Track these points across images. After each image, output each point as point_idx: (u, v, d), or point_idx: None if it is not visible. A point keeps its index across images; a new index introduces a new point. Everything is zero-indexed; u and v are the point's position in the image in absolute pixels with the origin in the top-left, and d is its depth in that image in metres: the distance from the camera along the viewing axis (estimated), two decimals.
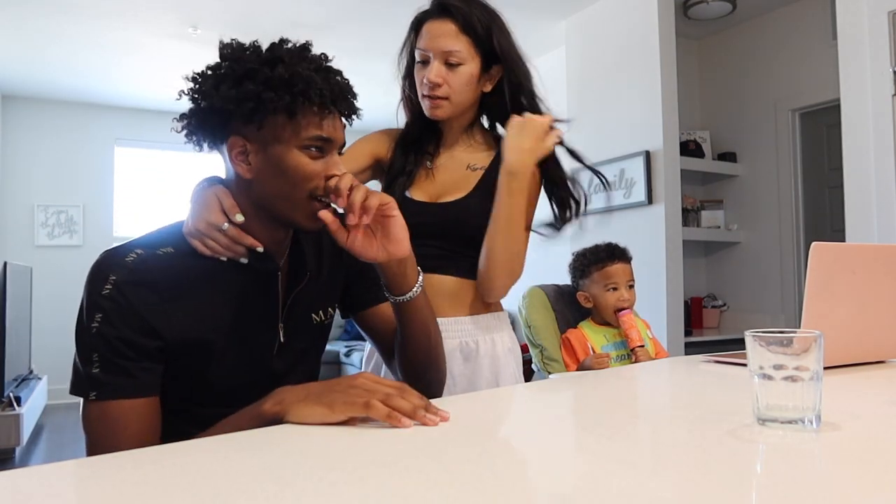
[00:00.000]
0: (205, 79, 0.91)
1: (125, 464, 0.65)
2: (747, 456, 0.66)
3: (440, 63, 1.28)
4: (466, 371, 1.34)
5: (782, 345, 0.70)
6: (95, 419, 0.87)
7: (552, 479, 0.59)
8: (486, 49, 1.30)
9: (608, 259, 2.01)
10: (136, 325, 0.87)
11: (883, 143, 2.57)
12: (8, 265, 3.96)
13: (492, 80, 1.35)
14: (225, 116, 0.90)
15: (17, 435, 3.72)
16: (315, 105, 0.89)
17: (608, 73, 3.80)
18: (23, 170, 5.49)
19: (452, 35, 1.28)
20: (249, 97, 0.88)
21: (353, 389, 0.80)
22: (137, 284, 0.87)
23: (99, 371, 0.86)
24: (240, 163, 0.93)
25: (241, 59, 0.90)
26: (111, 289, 0.86)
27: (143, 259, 0.89)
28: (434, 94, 1.29)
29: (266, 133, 0.91)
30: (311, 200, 0.93)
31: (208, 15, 3.96)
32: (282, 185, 0.92)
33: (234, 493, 0.56)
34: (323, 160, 0.93)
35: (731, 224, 4.18)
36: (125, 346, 0.86)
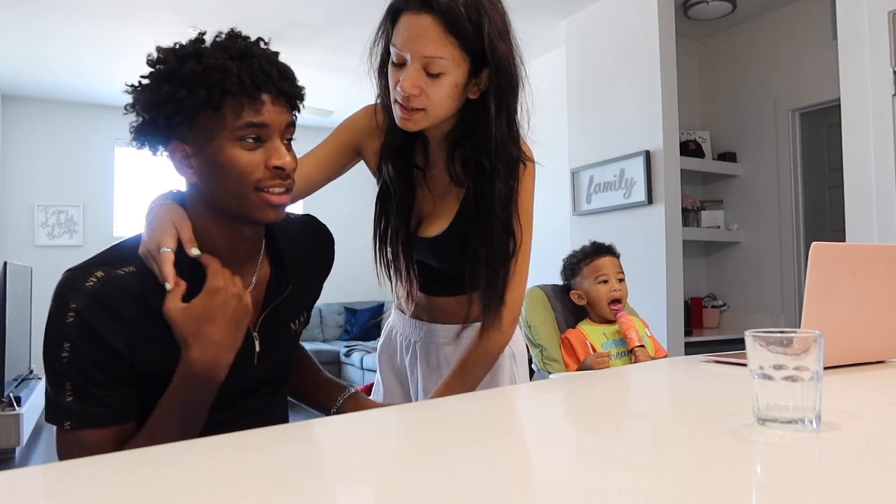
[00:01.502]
0: (135, 90, 0.89)
1: (125, 464, 0.65)
2: (747, 456, 0.66)
3: (418, 69, 1.03)
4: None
5: (782, 345, 0.70)
6: (71, 448, 0.86)
7: (552, 478, 0.59)
8: (477, 50, 1.04)
9: (595, 253, 2.07)
10: (104, 351, 0.85)
11: (883, 143, 2.57)
12: (8, 265, 3.95)
13: (481, 86, 1.09)
14: (155, 124, 0.87)
15: (17, 435, 3.72)
16: (237, 94, 0.85)
17: (608, 73, 3.80)
18: (23, 170, 5.49)
19: (434, 36, 1.01)
20: (167, 100, 0.85)
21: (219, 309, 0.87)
22: (99, 311, 0.84)
23: (72, 400, 0.84)
24: (184, 168, 0.91)
25: (162, 61, 0.87)
26: (74, 317, 0.84)
27: (102, 284, 0.85)
28: (408, 104, 1.05)
29: (198, 132, 0.88)
30: (257, 192, 0.89)
31: (208, 15, 3.96)
32: (224, 182, 0.89)
33: (234, 493, 0.56)
34: (262, 149, 0.89)
35: (731, 224, 4.18)
36: (96, 372, 0.85)
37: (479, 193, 1.12)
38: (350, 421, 0.93)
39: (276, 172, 0.90)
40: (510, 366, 1.32)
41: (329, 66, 4.67)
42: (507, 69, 1.08)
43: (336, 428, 0.81)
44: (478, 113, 1.09)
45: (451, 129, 1.15)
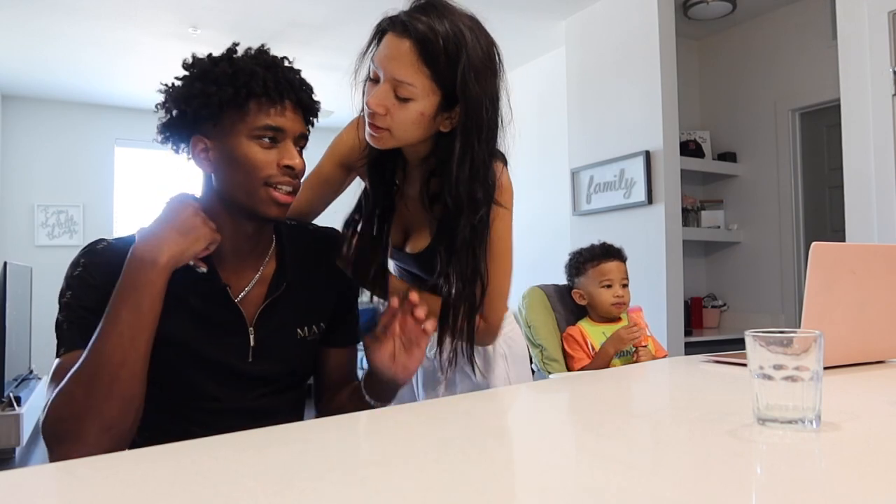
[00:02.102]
0: (170, 88, 0.99)
1: (125, 464, 0.65)
2: (747, 456, 0.66)
3: (388, 89, 1.02)
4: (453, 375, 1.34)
5: (782, 345, 0.70)
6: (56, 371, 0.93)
7: (552, 478, 0.59)
8: (449, 85, 1.03)
9: (603, 257, 2.03)
10: (95, 299, 0.94)
11: (883, 143, 2.57)
12: (8, 265, 3.95)
13: (453, 121, 1.06)
14: (183, 119, 0.97)
15: (17, 435, 3.72)
16: (261, 96, 0.95)
17: (608, 73, 3.80)
18: (23, 170, 5.49)
19: (408, 62, 1.00)
20: (197, 95, 0.94)
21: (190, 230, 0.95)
22: (101, 265, 0.97)
23: (68, 330, 0.95)
24: (202, 160, 0.99)
25: (195, 64, 0.98)
26: (81, 269, 0.97)
27: (111, 246, 0.99)
28: (373, 122, 1.05)
29: (221, 128, 0.96)
30: (266, 188, 0.97)
31: (208, 15, 3.96)
32: (236, 174, 0.97)
33: (234, 493, 0.56)
34: (276, 149, 0.97)
35: (731, 224, 4.18)
36: (89, 312, 0.94)
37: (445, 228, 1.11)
38: (350, 421, 0.93)
39: (286, 171, 0.97)
40: (503, 366, 1.33)
41: (329, 66, 4.67)
42: (477, 110, 1.04)
43: (336, 428, 0.81)
44: (447, 148, 1.07)
45: (427, 155, 1.13)
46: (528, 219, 4.86)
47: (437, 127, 1.07)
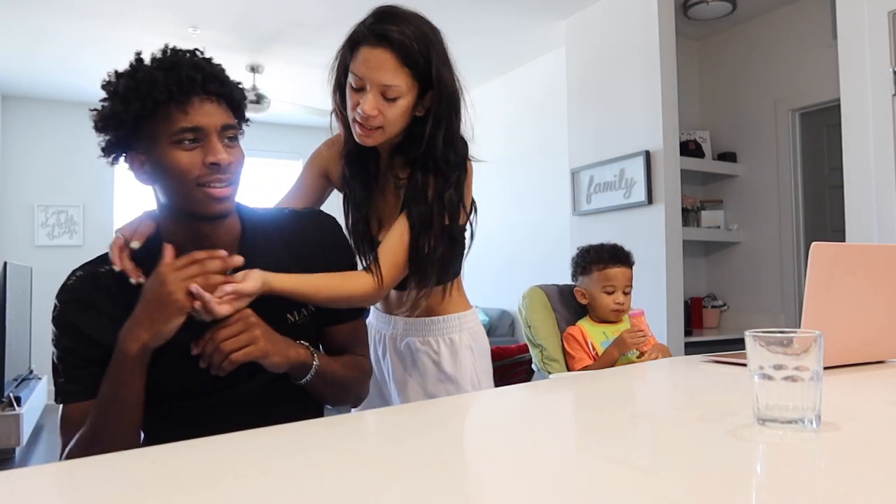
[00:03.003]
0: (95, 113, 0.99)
1: (125, 464, 0.65)
2: (747, 456, 0.66)
3: (376, 95, 1.19)
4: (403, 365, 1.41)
5: (782, 345, 0.70)
6: (62, 421, 1.01)
7: (552, 478, 0.59)
8: (425, 78, 1.22)
9: (611, 261, 2.02)
10: (76, 337, 0.99)
11: (883, 143, 2.57)
12: (8, 265, 3.95)
13: (425, 105, 1.25)
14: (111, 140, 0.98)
15: (17, 435, 3.72)
16: (167, 102, 0.93)
17: (608, 73, 3.80)
18: (22, 170, 5.49)
19: (391, 69, 1.18)
20: (109, 115, 0.96)
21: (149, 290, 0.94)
22: (72, 303, 1.00)
23: (63, 381, 1.01)
24: (141, 174, 1.01)
25: (107, 83, 0.98)
26: (57, 310, 1.01)
27: (80, 280, 1.02)
28: (368, 124, 1.21)
29: (144, 141, 0.97)
30: (199, 188, 0.97)
31: (208, 15, 3.96)
32: (170, 182, 0.98)
33: (233, 492, 0.56)
34: (200, 148, 0.96)
35: (731, 224, 4.18)
36: (72, 355, 1.00)
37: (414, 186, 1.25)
38: (350, 421, 0.93)
39: (213, 168, 0.96)
40: (469, 357, 1.39)
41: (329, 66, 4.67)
42: (450, 92, 1.24)
43: (336, 428, 0.81)
44: (423, 127, 1.24)
45: (398, 142, 1.29)
46: (528, 219, 4.86)
47: (413, 114, 1.25)
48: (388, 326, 1.43)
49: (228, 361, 0.96)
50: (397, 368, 1.40)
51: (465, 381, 1.37)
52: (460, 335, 1.39)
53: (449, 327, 1.38)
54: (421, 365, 1.38)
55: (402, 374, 1.40)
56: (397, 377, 1.40)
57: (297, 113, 5.46)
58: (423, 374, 1.37)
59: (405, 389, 1.38)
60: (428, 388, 1.37)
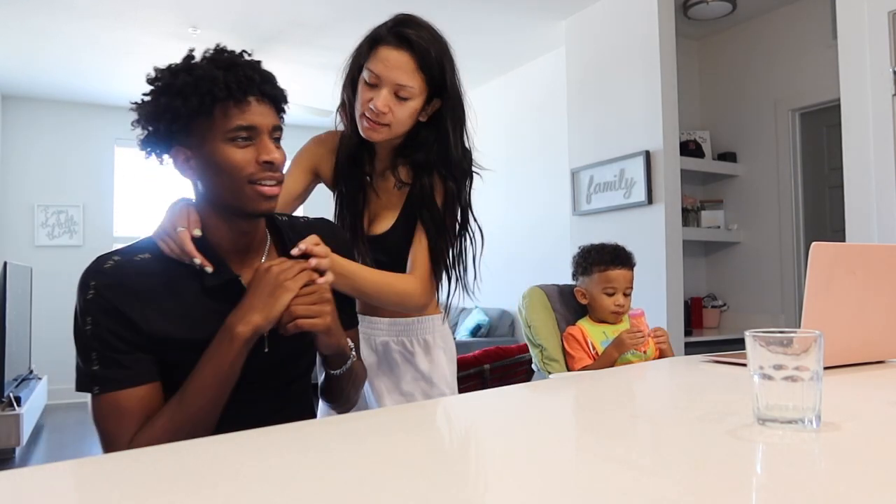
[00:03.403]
0: (138, 107, 1.00)
1: (125, 464, 0.65)
2: (747, 456, 0.66)
3: (389, 93, 1.25)
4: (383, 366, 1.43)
5: (782, 345, 0.70)
6: (102, 411, 0.95)
7: (552, 478, 0.59)
8: (436, 85, 1.28)
9: (612, 263, 2.01)
10: (119, 321, 0.95)
11: (883, 143, 2.57)
12: (8, 265, 3.96)
13: (430, 111, 1.32)
14: (158, 134, 0.99)
15: (17, 435, 3.72)
16: (225, 99, 0.96)
17: (608, 73, 3.80)
18: (23, 170, 5.49)
19: (409, 70, 1.25)
20: (165, 110, 0.96)
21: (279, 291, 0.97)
22: (113, 287, 0.96)
23: (98, 367, 0.95)
24: (186, 169, 1.01)
25: (158, 78, 0.99)
26: (94, 293, 0.95)
27: (118, 265, 0.98)
28: (377, 120, 1.26)
29: (195, 137, 0.98)
30: (251, 185, 0.99)
31: (208, 15, 3.96)
32: (220, 178, 0.99)
33: (234, 492, 0.56)
34: (253, 147, 0.99)
35: (731, 224, 4.18)
36: (115, 339, 0.95)
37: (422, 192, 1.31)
38: (350, 421, 0.93)
39: (266, 167, 1.00)
40: (443, 357, 1.42)
41: (329, 66, 4.67)
42: (459, 99, 1.32)
43: (336, 428, 0.81)
44: (430, 131, 1.32)
45: (399, 144, 1.35)
46: (528, 219, 4.86)
47: (418, 118, 1.31)
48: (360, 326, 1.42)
49: (294, 325, 0.98)
50: (371, 369, 1.41)
51: (439, 380, 1.40)
52: (433, 336, 1.42)
53: (423, 328, 1.42)
54: (396, 365, 1.40)
55: (377, 373, 1.42)
56: (372, 377, 1.42)
57: (296, 113, 5.46)
58: (399, 373, 1.40)
59: (379, 389, 1.40)
60: (402, 386, 1.39)
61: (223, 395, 0.98)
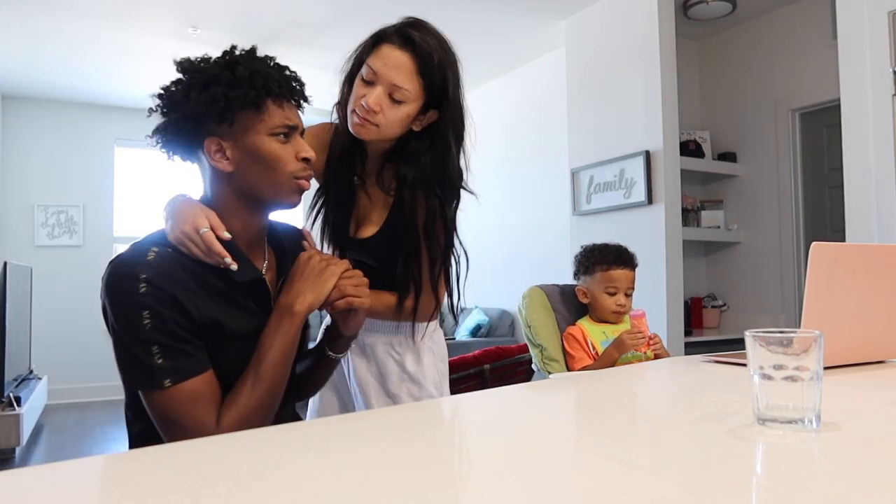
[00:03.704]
0: (172, 92, 1.02)
1: (125, 464, 0.65)
2: (747, 456, 0.66)
3: (384, 92, 1.21)
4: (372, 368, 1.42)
5: (782, 345, 0.70)
6: (179, 403, 0.95)
7: (552, 478, 0.59)
8: (434, 93, 1.24)
9: (615, 263, 2.01)
10: (179, 310, 0.95)
11: (883, 143, 2.57)
12: (8, 265, 3.96)
13: (424, 122, 1.27)
14: (197, 121, 1.00)
15: (17, 435, 3.72)
16: (277, 96, 1.03)
17: (608, 73, 3.80)
18: (23, 170, 5.49)
19: (407, 72, 1.21)
20: (219, 98, 0.98)
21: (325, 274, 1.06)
22: (166, 277, 0.95)
23: (163, 360, 0.94)
24: (220, 160, 1.03)
25: (202, 68, 1.01)
26: (146, 286, 0.93)
27: (160, 255, 0.97)
28: (367, 117, 1.23)
29: (237, 128, 1.02)
30: (293, 180, 1.06)
31: (208, 15, 3.96)
32: (263, 170, 1.04)
33: (234, 493, 0.56)
34: (290, 144, 1.06)
35: (731, 224, 4.18)
36: (179, 329, 0.95)
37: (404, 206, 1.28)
38: (350, 421, 0.93)
39: (304, 163, 1.07)
40: (431, 359, 1.41)
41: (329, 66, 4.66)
42: (459, 114, 1.28)
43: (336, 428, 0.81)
44: (422, 143, 1.28)
45: (389, 149, 1.32)
46: (528, 219, 4.86)
47: (411, 127, 1.27)
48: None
49: (346, 301, 1.08)
50: (360, 368, 1.40)
51: (427, 383, 1.38)
52: (422, 337, 1.40)
53: (411, 329, 1.38)
54: (383, 366, 1.38)
55: (365, 375, 1.39)
56: (360, 377, 1.40)
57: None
58: (386, 375, 1.38)
59: (366, 391, 1.38)
60: (390, 388, 1.37)
61: (289, 368, 1.06)
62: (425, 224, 1.28)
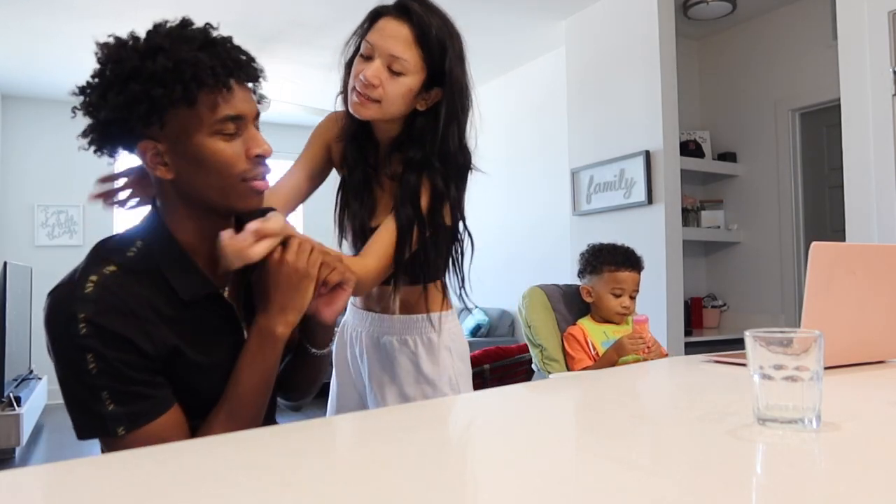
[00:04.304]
0: (92, 89, 0.86)
1: (125, 464, 0.65)
2: (747, 456, 0.66)
3: (382, 65, 1.18)
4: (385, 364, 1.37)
5: (782, 345, 0.70)
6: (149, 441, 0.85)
7: (552, 478, 0.59)
8: (435, 68, 1.20)
9: (623, 265, 2.02)
10: (129, 348, 0.84)
11: (883, 143, 2.57)
12: (8, 265, 3.96)
13: (429, 101, 1.23)
14: (122, 125, 0.85)
15: (17, 435, 3.72)
16: (212, 86, 0.85)
17: (608, 73, 3.80)
18: (23, 170, 5.49)
19: (404, 41, 1.17)
20: (139, 99, 0.82)
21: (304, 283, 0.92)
22: (109, 312, 0.83)
23: (114, 406, 0.83)
24: (157, 166, 0.88)
25: (120, 58, 0.85)
26: (86, 326, 0.82)
27: (101, 286, 0.84)
28: (366, 92, 1.18)
29: (171, 129, 0.86)
30: (243, 183, 0.90)
31: (208, 15, 3.90)
32: (206, 176, 0.88)
33: (233, 493, 0.56)
34: (240, 138, 0.89)
35: (731, 224, 4.18)
36: (130, 369, 0.84)
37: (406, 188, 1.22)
38: (350, 420, 0.93)
39: (257, 161, 0.91)
40: (448, 358, 1.35)
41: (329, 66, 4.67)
42: (461, 89, 1.23)
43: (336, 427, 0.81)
44: (428, 123, 1.23)
45: (397, 134, 1.27)
46: (528, 219, 4.86)
47: (414, 105, 1.23)
48: (364, 323, 1.39)
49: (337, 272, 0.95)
50: (374, 368, 1.37)
51: (442, 384, 1.33)
52: (439, 336, 1.35)
53: (427, 326, 1.35)
54: (398, 365, 1.34)
55: (380, 374, 1.36)
56: (374, 377, 1.37)
57: (297, 113, 5.46)
58: (401, 376, 1.34)
59: (381, 390, 1.34)
60: (405, 389, 1.33)
61: (268, 397, 0.95)
62: (429, 204, 1.22)
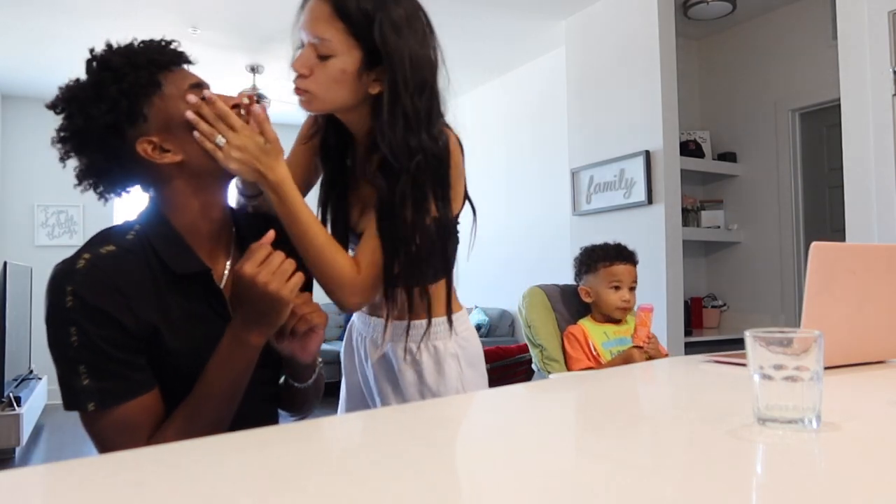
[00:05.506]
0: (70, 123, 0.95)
1: (125, 464, 0.65)
2: (747, 456, 0.66)
3: (310, 51, 1.07)
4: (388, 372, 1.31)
5: (782, 345, 0.70)
6: (103, 429, 0.88)
7: (552, 478, 0.59)
8: (370, 41, 1.06)
9: (616, 258, 2.03)
10: (110, 325, 0.87)
11: (883, 143, 2.57)
12: (8, 265, 3.96)
13: (380, 80, 1.09)
14: (115, 132, 0.93)
15: (17, 435, 3.72)
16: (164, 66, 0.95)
17: (608, 73, 3.80)
18: (23, 170, 5.49)
19: (324, 19, 1.05)
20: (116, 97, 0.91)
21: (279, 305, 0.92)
22: (95, 286, 0.87)
23: (89, 381, 0.86)
24: (163, 155, 0.96)
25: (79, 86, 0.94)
26: (72, 299, 0.86)
27: (92, 263, 0.90)
28: (297, 84, 1.09)
29: (155, 118, 0.94)
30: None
31: (208, 15, 3.96)
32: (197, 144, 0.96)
33: (234, 493, 0.56)
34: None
35: (731, 224, 4.18)
36: (110, 346, 0.87)
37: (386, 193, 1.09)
38: (351, 420, 0.93)
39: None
40: (455, 367, 1.28)
41: None
42: (402, 59, 1.06)
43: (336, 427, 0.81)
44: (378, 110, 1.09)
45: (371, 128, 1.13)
46: (528, 219, 4.86)
47: (365, 89, 1.09)
48: (368, 328, 1.33)
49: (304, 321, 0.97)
50: (379, 377, 1.32)
51: (448, 395, 1.26)
52: (445, 342, 1.26)
53: (433, 333, 1.24)
54: (402, 377, 1.26)
55: (384, 384, 1.30)
56: (380, 386, 1.32)
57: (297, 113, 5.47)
58: (404, 388, 1.26)
59: (387, 401, 1.29)
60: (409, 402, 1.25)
61: (238, 400, 0.95)
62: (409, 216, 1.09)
